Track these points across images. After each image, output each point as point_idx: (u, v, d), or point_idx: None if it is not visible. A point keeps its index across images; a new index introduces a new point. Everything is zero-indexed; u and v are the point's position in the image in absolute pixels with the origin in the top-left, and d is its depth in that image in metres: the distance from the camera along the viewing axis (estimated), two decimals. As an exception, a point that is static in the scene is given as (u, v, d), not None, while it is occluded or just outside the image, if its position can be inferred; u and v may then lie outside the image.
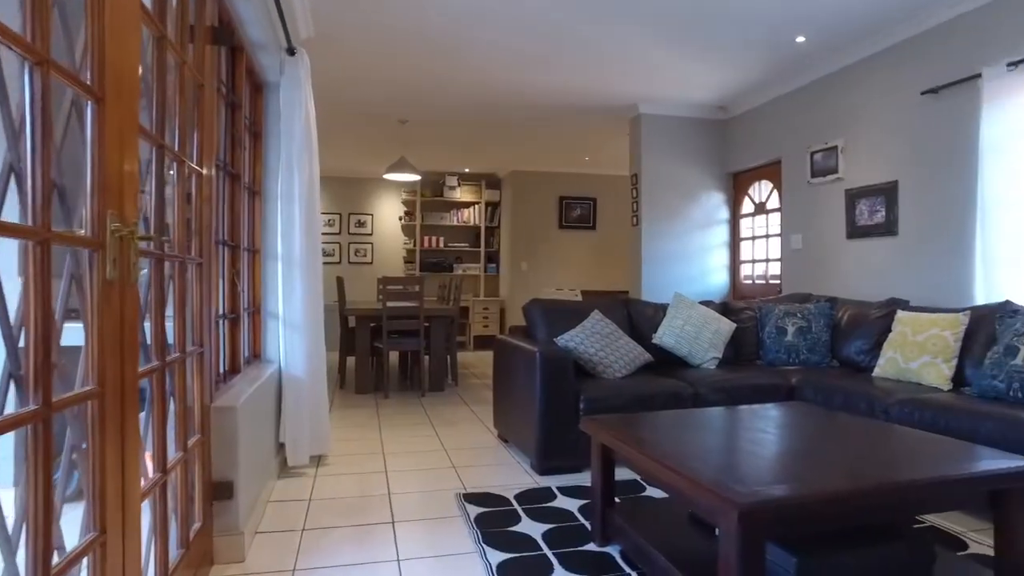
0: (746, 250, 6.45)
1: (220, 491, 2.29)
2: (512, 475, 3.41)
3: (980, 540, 2.59)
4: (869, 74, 4.74)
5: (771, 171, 5.99)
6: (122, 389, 1.32)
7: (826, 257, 5.16)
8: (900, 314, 3.75)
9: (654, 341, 4.12)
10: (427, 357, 6.08)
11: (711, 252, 6.52)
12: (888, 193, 4.56)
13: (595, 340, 3.79)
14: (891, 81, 4.54)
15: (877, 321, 4.00)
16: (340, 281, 6.40)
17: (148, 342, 1.74)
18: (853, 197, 4.86)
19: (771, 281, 6.02)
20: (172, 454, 1.87)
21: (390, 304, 5.75)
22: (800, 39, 4.63)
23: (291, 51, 3.29)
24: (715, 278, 6.53)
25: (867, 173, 4.77)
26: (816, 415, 2.62)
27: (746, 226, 6.46)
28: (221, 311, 2.74)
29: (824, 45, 4.74)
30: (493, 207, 10.10)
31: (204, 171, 2.17)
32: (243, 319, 3.12)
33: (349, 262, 9.94)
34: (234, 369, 2.95)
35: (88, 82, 1.20)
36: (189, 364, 2.07)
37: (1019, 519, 1.93)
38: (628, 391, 3.48)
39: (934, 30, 4.21)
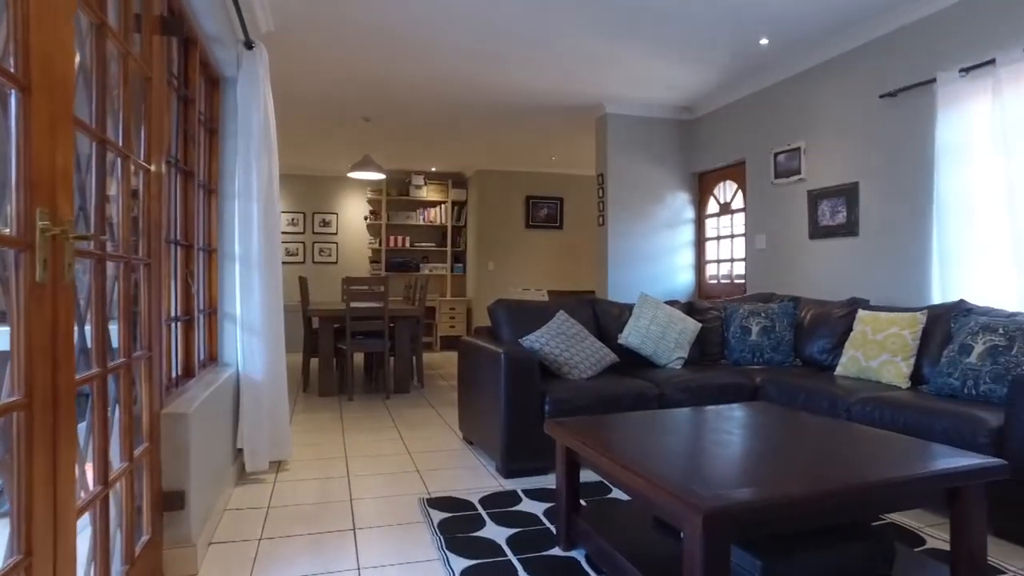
0: (711, 250, 6.50)
1: (171, 501, 2.20)
2: (477, 478, 3.36)
3: (936, 535, 2.62)
4: (830, 77, 4.80)
5: (736, 172, 6.04)
6: (54, 398, 1.24)
7: (789, 257, 5.22)
8: (861, 313, 3.80)
9: (620, 341, 4.11)
10: (392, 359, 6.00)
11: (677, 252, 6.56)
12: (849, 194, 4.62)
13: (561, 341, 3.77)
14: (851, 84, 4.61)
15: (839, 320, 4.05)
16: (303, 281, 6.28)
17: (90, 347, 1.65)
18: (815, 198, 4.92)
19: (736, 281, 6.07)
20: (116, 464, 1.78)
21: (354, 305, 5.65)
22: (764, 41, 4.67)
23: (248, 45, 3.19)
24: (681, 278, 6.57)
25: (829, 174, 4.83)
26: (779, 415, 2.62)
27: (711, 226, 6.51)
28: (174, 313, 2.64)
29: (787, 47, 4.79)
30: (459, 206, 10.04)
31: (152, 167, 2.08)
32: (198, 321, 3.02)
33: (313, 262, 9.77)
34: (188, 373, 2.85)
35: (12, 70, 1.12)
36: (137, 369, 1.98)
37: (974, 514, 1.94)
38: (594, 392, 3.46)
39: (892, 35, 4.28)
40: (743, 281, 5.93)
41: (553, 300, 6.00)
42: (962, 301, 3.50)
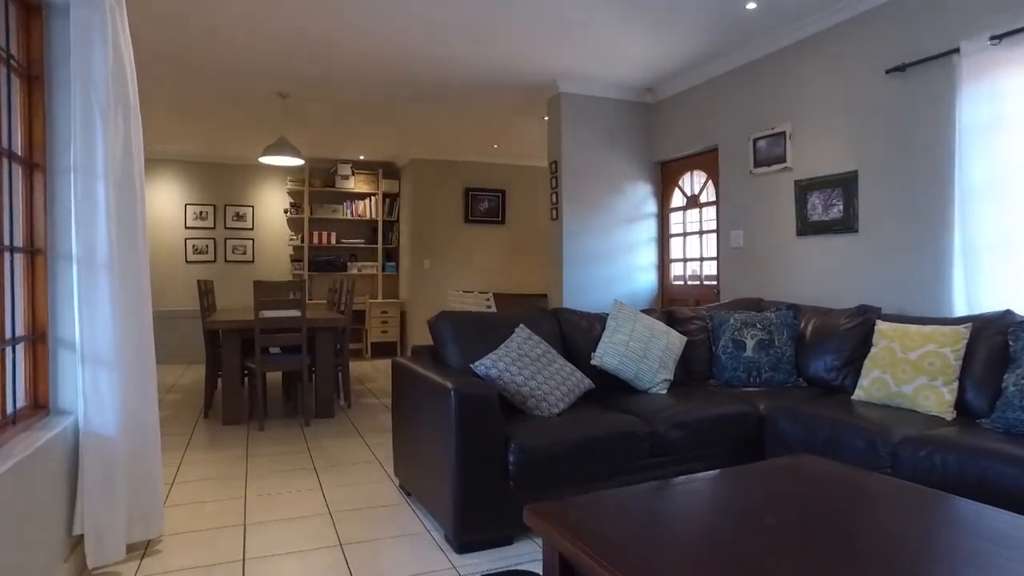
0: (676, 248, 5.84)
1: None
2: (420, 554, 2.52)
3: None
4: (825, 49, 4.17)
5: (706, 160, 5.38)
6: None
7: (772, 256, 4.59)
8: (882, 326, 3.16)
9: (594, 362, 3.35)
10: (313, 377, 5.06)
11: (637, 249, 5.87)
12: (846, 184, 4.01)
13: (524, 365, 2.97)
14: (851, 58, 3.99)
15: (848, 333, 3.41)
16: (202, 286, 5.26)
17: None
18: (804, 189, 4.30)
19: (706, 282, 5.42)
20: None
21: (265, 314, 4.70)
22: (751, 5, 3.99)
23: (90, -41, 2.25)
24: (642, 278, 5.89)
25: (821, 162, 4.21)
26: (842, 482, 1.91)
27: (676, 221, 5.85)
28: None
29: (778, 13, 4.13)
30: (391, 199, 9.10)
31: None
32: (9, 353, 2.07)
33: (226, 260, 8.65)
34: (-13, 434, 1.91)
35: None
36: None
37: None
38: (570, 434, 2.68)
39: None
40: (715, 283, 5.28)
41: (502, 306, 5.21)
42: (1009, 312, 2.90)
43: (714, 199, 5.30)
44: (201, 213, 8.52)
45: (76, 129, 2.23)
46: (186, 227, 8.45)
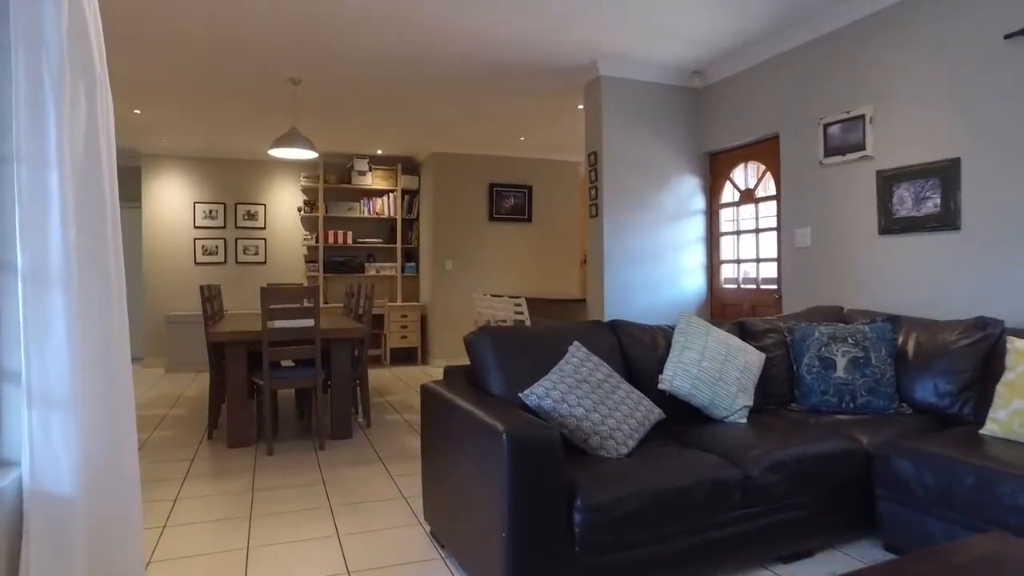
0: (727, 247, 5.28)
1: None
2: (461, 638, 2.01)
3: None
4: (918, 16, 3.59)
5: (763, 150, 4.82)
6: None
7: (848, 258, 4.02)
8: (1019, 344, 2.59)
9: (662, 387, 2.81)
10: (328, 393, 4.57)
11: (684, 250, 5.31)
12: (945, 174, 3.43)
13: (584, 394, 2.44)
14: (954, 23, 3.41)
15: (964, 351, 2.84)
16: (205, 291, 4.77)
17: None
18: (889, 180, 3.72)
19: (764, 287, 4.86)
20: None
21: (275, 324, 4.20)
22: (833, -35, 3.43)
23: None
24: (689, 282, 5.33)
25: (910, 149, 3.63)
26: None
27: (727, 218, 5.29)
28: None
29: (862, -25, 3.56)
30: (411, 196, 8.60)
31: None
32: (-70, 396, 1.57)
33: (237, 262, 8.20)
34: None
35: None
36: None
37: None
38: (648, 484, 2.14)
39: (1026, -52, 3.09)
40: (774, 287, 4.72)
41: (535, 313, 4.71)
42: None
43: (773, 193, 4.73)
44: (211, 212, 8.06)
45: (20, 106, 1.72)
46: (195, 226, 8.00)
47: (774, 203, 4.72)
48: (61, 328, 1.77)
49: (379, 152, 8.31)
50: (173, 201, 7.92)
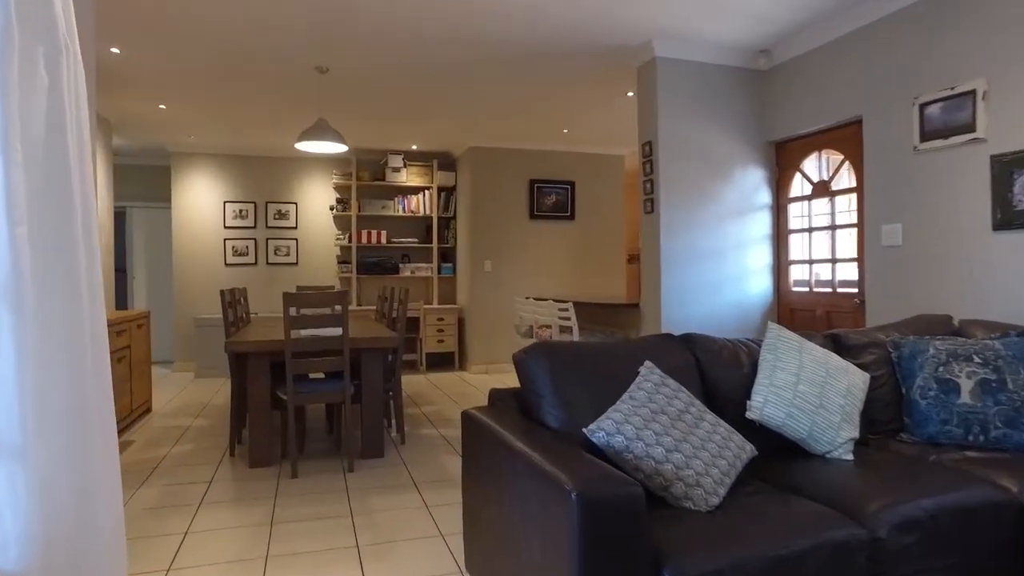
0: (796, 246, 4.75)
1: None
2: None
3: None
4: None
5: (841, 136, 4.28)
6: None
7: (949, 258, 3.47)
8: None
9: (751, 415, 2.33)
10: (358, 407, 4.18)
11: (748, 249, 4.80)
12: (1081, 158, 2.87)
13: (662, 429, 1.98)
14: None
15: None
16: (227, 296, 4.43)
17: None
18: (1008, 166, 3.17)
19: (842, 290, 4.32)
20: None
21: (300, 332, 3.83)
22: (945, -88, 2.90)
23: None
24: (754, 284, 4.81)
25: (1035, 129, 3.09)
26: None
27: (796, 213, 4.76)
28: None
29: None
30: (447, 193, 8.20)
31: None
32: None
33: (268, 263, 7.91)
34: None
35: None
36: None
37: None
38: (751, 552, 1.67)
39: None
40: (854, 291, 4.18)
41: (584, 319, 4.28)
42: None
43: (853, 185, 4.20)
44: (241, 211, 7.78)
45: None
46: (225, 226, 7.73)
47: (854, 196, 4.19)
48: (8, 357, 1.38)
49: (414, 147, 7.93)
50: (203, 200, 7.67)
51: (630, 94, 5.66)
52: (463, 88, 5.45)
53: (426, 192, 8.09)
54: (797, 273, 4.75)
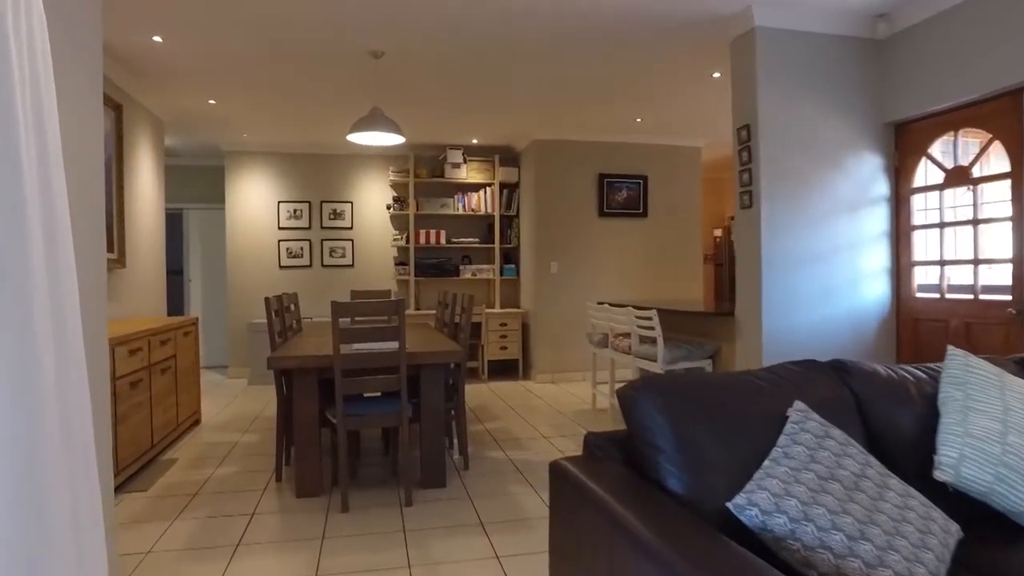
0: (922, 245, 4.05)
1: None
2: None
3: None
4: None
5: (988, 112, 3.57)
6: None
7: None
8: None
9: (941, 476, 1.73)
10: (417, 428, 3.72)
11: (861, 249, 4.13)
12: None
13: (834, 502, 1.41)
14: None
15: None
16: (273, 303, 4.03)
17: None
18: None
19: (986, 296, 3.61)
20: None
21: (351, 347, 3.39)
22: None
23: None
24: (869, 290, 4.14)
25: None
26: None
27: (921, 206, 4.06)
28: None
29: None
30: (510, 190, 7.70)
31: None
32: None
33: (323, 265, 7.58)
34: None
35: None
36: None
37: None
38: None
39: None
40: (1006, 298, 3.47)
41: (668, 329, 3.76)
42: None
43: (1006, 170, 3.49)
44: (295, 211, 7.47)
45: None
46: (279, 227, 7.44)
47: (1007, 184, 3.48)
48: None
49: (474, 142, 7.46)
50: (256, 200, 7.39)
51: (716, 75, 5.04)
52: (528, 73, 4.93)
53: (487, 189, 7.61)
54: (922, 276, 4.05)
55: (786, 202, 3.96)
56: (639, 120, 6.54)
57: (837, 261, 4.08)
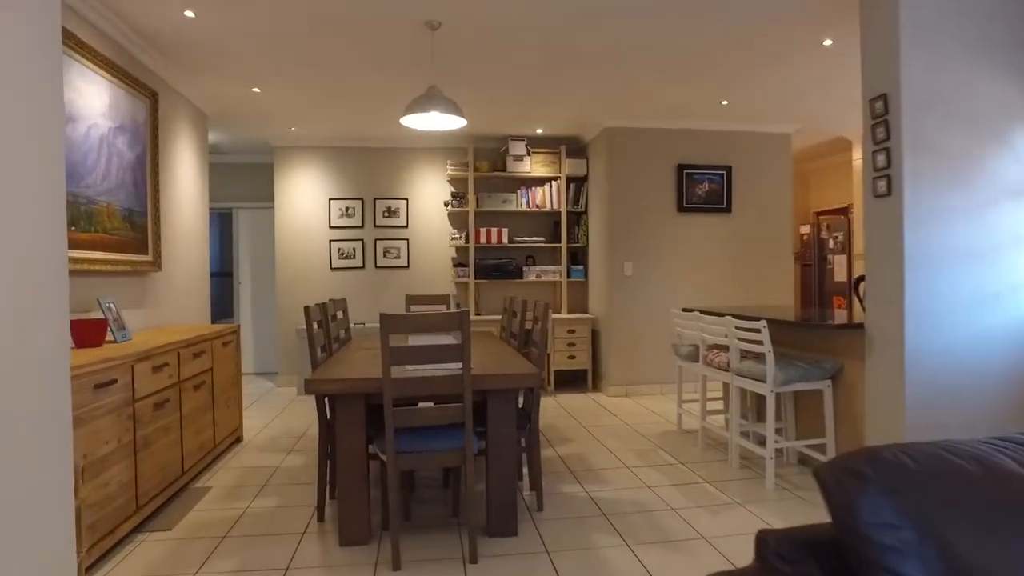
0: (1113, 240, 3.22)
1: None
2: None
3: None
4: None
5: None
6: None
7: None
8: None
9: None
10: (484, 464, 3.11)
11: (1028, 245, 3.32)
12: None
13: None
14: None
15: None
16: (314, 312, 3.48)
17: None
18: None
19: None
20: None
21: (402, 369, 2.80)
22: None
23: None
24: (1039, 296, 3.32)
25: None
26: None
27: (1112, 192, 3.23)
28: None
29: None
30: (578, 184, 7.04)
31: None
32: None
33: (377, 266, 7.07)
34: None
35: None
36: None
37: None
38: None
39: None
40: None
41: (778, 343, 3.08)
42: None
43: None
44: (347, 209, 6.99)
45: None
46: (330, 226, 6.97)
47: None
48: None
49: (539, 132, 6.83)
50: (306, 198, 6.94)
51: (827, 42, 4.28)
52: (602, 47, 4.27)
53: (553, 183, 6.96)
54: (1113, 279, 3.21)
55: (936, 188, 3.19)
56: (725, 103, 5.78)
57: (1000, 260, 3.28)
